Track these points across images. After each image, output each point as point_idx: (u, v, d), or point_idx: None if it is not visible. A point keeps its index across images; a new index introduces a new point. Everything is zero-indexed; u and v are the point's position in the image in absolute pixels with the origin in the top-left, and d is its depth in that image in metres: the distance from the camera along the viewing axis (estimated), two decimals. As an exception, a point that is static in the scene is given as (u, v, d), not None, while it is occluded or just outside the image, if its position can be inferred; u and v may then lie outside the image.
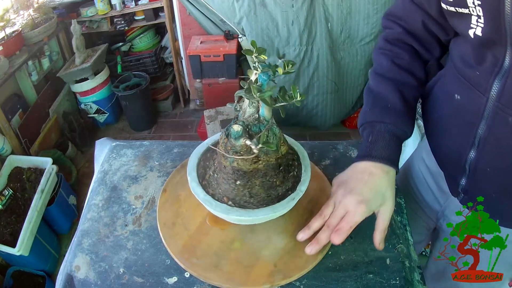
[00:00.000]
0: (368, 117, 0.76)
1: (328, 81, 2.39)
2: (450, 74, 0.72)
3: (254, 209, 0.65)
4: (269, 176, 0.66)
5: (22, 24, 2.24)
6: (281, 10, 2.20)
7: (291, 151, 0.73)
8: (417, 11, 0.73)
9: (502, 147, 0.63)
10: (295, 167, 0.71)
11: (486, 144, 0.65)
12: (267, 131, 0.63)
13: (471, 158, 0.69)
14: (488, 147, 0.65)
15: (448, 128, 0.74)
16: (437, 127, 0.78)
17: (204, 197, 0.67)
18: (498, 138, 0.63)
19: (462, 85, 0.67)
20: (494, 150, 0.65)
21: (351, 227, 0.65)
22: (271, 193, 0.67)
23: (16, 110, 2.19)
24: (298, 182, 0.69)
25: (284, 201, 0.66)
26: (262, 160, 0.64)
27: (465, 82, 0.66)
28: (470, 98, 0.65)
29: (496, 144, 0.64)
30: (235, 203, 0.66)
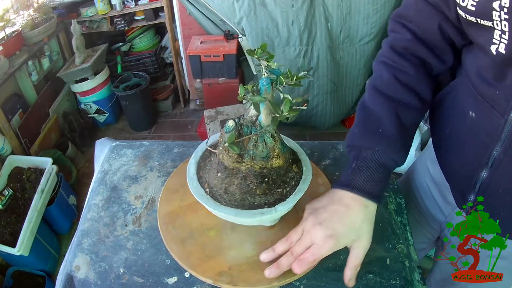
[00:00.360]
0: (355, 140, 0.69)
1: (328, 81, 2.39)
2: (464, 88, 0.66)
3: (221, 205, 0.65)
4: (249, 182, 0.66)
5: (22, 24, 2.24)
6: (281, 10, 2.20)
7: (295, 170, 0.70)
8: (433, 12, 0.65)
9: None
10: (288, 187, 0.68)
11: (500, 166, 0.62)
12: (257, 136, 0.63)
13: (482, 177, 0.66)
14: (502, 169, 0.62)
15: (460, 146, 0.69)
16: (447, 142, 0.74)
17: (192, 175, 0.70)
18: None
19: (478, 103, 0.62)
20: (509, 172, 0.62)
21: (315, 259, 0.61)
22: (246, 198, 0.66)
23: (16, 110, 2.19)
24: (281, 201, 0.66)
25: (252, 212, 0.64)
26: (245, 163, 0.64)
27: (481, 100, 0.61)
28: (487, 117, 0.61)
29: (511, 166, 0.61)
30: (211, 192, 0.68)
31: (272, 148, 0.64)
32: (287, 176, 0.69)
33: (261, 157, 0.64)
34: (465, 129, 0.67)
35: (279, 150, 0.65)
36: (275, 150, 0.65)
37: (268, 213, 0.64)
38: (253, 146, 0.64)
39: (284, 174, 0.69)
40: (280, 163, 0.66)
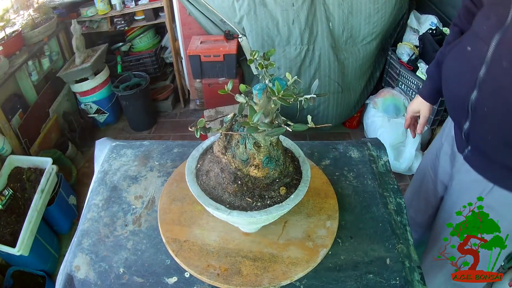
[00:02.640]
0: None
1: (330, 81, 2.38)
2: (468, 34, 0.88)
3: (198, 186, 0.70)
4: (224, 176, 0.68)
5: (22, 24, 2.24)
6: (282, 9, 2.20)
7: (281, 194, 0.69)
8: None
9: (497, 87, 0.76)
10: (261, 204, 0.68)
11: (484, 85, 0.78)
12: (239, 137, 0.65)
13: (472, 99, 0.82)
14: (486, 88, 0.78)
15: (457, 74, 0.88)
16: (450, 72, 0.93)
17: (194, 153, 0.77)
18: (494, 79, 0.76)
19: (474, 38, 0.82)
20: (491, 91, 0.78)
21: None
22: (217, 189, 0.69)
23: (16, 110, 2.19)
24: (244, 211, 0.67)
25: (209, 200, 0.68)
26: (227, 157, 0.68)
27: (476, 36, 0.81)
28: (477, 47, 0.80)
29: (493, 85, 0.77)
30: (199, 170, 0.73)
31: (252, 156, 0.65)
32: (268, 194, 0.68)
33: (241, 159, 0.65)
34: (463, 60, 0.86)
35: (259, 161, 0.65)
36: (255, 159, 0.65)
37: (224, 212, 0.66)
38: (235, 145, 0.65)
39: (265, 189, 0.68)
40: (258, 175, 0.66)
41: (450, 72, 0.93)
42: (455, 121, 0.97)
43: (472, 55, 0.81)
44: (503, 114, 0.76)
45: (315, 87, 0.60)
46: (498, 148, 0.82)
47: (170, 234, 0.78)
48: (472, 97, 0.81)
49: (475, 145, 0.89)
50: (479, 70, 0.78)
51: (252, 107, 0.59)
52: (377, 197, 0.87)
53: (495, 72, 0.75)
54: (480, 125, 0.83)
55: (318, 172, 0.91)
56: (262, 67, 0.61)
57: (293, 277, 0.70)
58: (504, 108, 0.76)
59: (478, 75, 0.79)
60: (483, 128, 0.83)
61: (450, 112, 0.98)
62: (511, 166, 0.83)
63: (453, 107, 0.94)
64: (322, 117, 2.51)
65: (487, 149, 0.85)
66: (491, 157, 0.86)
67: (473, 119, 0.84)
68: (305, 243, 0.76)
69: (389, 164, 0.99)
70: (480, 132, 0.84)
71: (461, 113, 0.87)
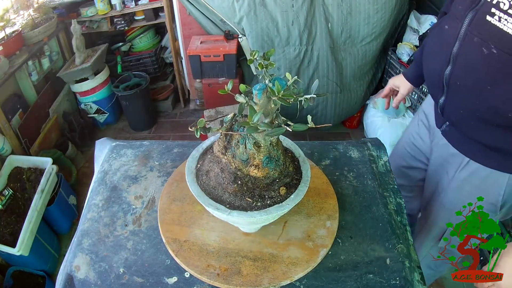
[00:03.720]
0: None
1: (329, 82, 2.38)
2: (447, 15, 0.94)
3: (198, 187, 0.70)
4: (224, 176, 0.68)
5: (22, 24, 2.24)
6: (281, 10, 2.20)
7: (281, 194, 0.69)
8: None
9: (468, 62, 0.81)
10: (261, 204, 0.68)
11: (457, 60, 0.84)
12: (239, 137, 0.65)
13: (447, 74, 0.87)
14: (459, 63, 0.84)
15: (434, 50, 0.94)
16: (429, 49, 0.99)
17: (194, 153, 0.77)
18: (466, 54, 0.81)
19: (451, 18, 0.88)
20: (462, 65, 0.83)
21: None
22: (217, 189, 0.69)
23: (16, 110, 2.19)
24: (244, 211, 0.67)
25: (209, 200, 0.68)
26: (227, 157, 0.68)
27: (453, 16, 0.87)
28: (452, 26, 0.86)
29: (464, 60, 0.82)
30: (199, 170, 0.73)
31: (252, 156, 0.65)
32: (268, 194, 0.68)
33: (241, 159, 0.65)
34: (440, 37, 0.92)
35: (259, 161, 0.65)
36: (255, 159, 0.65)
37: (224, 212, 0.66)
38: (235, 145, 0.65)
39: (265, 189, 0.68)
40: (258, 175, 0.66)
41: (428, 50, 1.00)
42: (433, 96, 1.02)
43: (448, 33, 0.87)
44: (473, 88, 0.81)
45: (315, 87, 0.60)
46: (470, 123, 0.87)
47: (170, 234, 0.78)
48: (447, 72, 0.87)
49: (450, 119, 0.94)
50: (453, 46, 0.84)
51: (252, 107, 0.59)
52: (377, 197, 0.87)
53: (467, 47, 0.81)
54: (453, 100, 0.89)
55: (318, 172, 0.91)
56: (262, 67, 0.61)
57: (293, 277, 0.70)
58: (473, 83, 0.81)
59: (452, 51, 0.84)
60: (456, 103, 0.88)
61: (429, 88, 1.04)
62: (483, 142, 0.88)
63: (431, 83, 1.00)
64: (320, 117, 2.51)
65: (460, 124, 0.91)
66: (464, 132, 0.91)
67: (447, 93, 0.90)
68: (305, 243, 0.76)
69: (389, 164, 0.99)
70: (453, 106, 0.89)
71: (437, 88, 0.93)
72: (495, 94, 0.77)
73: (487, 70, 0.77)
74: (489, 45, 0.75)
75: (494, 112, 0.79)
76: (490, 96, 0.78)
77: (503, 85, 0.76)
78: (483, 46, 0.77)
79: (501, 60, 0.74)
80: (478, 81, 0.80)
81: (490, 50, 0.75)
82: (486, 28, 0.76)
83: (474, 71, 0.80)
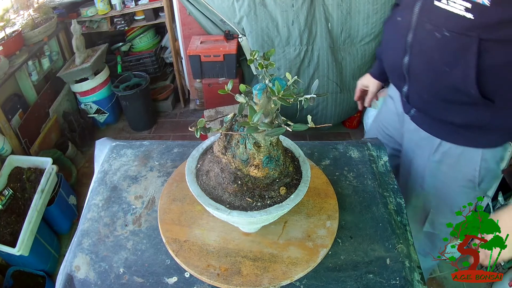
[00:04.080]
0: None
1: (329, 81, 2.38)
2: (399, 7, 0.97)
3: (198, 186, 0.70)
4: (224, 176, 0.68)
5: (22, 24, 2.24)
6: (281, 10, 2.20)
7: (281, 194, 0.68)
8: None
9: (423, 49, 0.84)
10: (261, 204, 0.67)
11: (413, 49, 0.87)
12: (239, 137, 0.65)
13: (405, 64, 0.90)
14: (414, 51, 0.87)
15: (391, 43, 0.98)
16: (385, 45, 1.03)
17: (194, 153, 0.77)
18: (420, 42, 0.84)
19: (402, 9, 0.92)
20: (418, 53, 0.86)
21: None
22: (217, 189, 0.69)
23: (16, 110, 2.19)
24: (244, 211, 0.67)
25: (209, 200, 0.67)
26: (227, 157, 0.68)
27: (404, 6, 0.90)
28: (405, 16, 0.88)
29: (419, 47, 0.85)
30: (199, 170, 0.73)
31: (252, 156, 0.65)
32: (268, 194, 0.68)
33: (241, 159, 0.65)
34: (394, 29, 0.94)
35: (259, 161, 0.65)
36: (255, 159, 0.65)
37: (224, 212, 0.66)
38: (235, 145, 0.65)
39: (265, 189, 0.68)
40: (258, 175, 0.66)
41: (386, 43, 1.03)
42: (396, 87, 1.04)
43: (401, 24, 0.90)
44: (432, 72, 0.84)
45: (315, 87, 0.60)
46: (435, 106, 0.90)
47: (170, 234, 0.78)
48: (405, 61, 0.90)
49: (416, 105, 0.96)
50: (407, 36, 0.87)
51: (252, 107, 0.59)
52: (377, 197, 0.87)
53: (420, 35, 0.84)
54: (415, 86, 0.91)
55: (318, 172, 0.91)
56: (262, 67, 0.61)
57: (293, 277, 0.70)
58: (431, 67, 0.84)
59: (406, 41, 0.88)
60: (419, 89, 0.91)
61: (391, 80, 1.07)
62: (451, 121, 0.90)
63: (392, 74, 1.03)
64: (320, 117, 2.51)
65: (426, 108, 0.93)
66: (432, 114, 0.93)
67: (409, 81, 0.92)
68: (305, 243, 0.76)
69: (389, 164, 0.99)
70: (417, 92, 0.92)
71: (399, 78, 0.96)
72: (454, 74, 0.79)
73: (443, 54, 0.80)
74: (441, 30, 0.78)
75: (456, 91, 0.82)
76: (450, 77, 0.81)
77: (460, 65, 0.78)
78: (436, 31, 0.79)
79: (454, 41, 0.77)
80: (435, 65, 0.82)
81: (442, 34, 0.78)
82: (436, 13, 0.79)
83: (430, 57, 0.83)
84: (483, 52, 0.73)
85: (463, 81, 0.78)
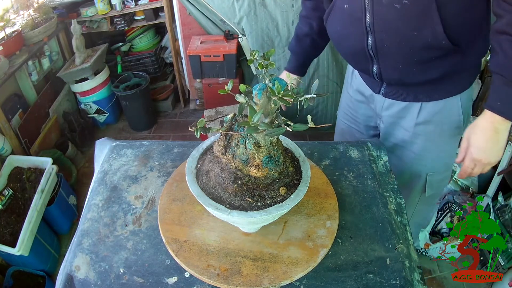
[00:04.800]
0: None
1: (329, 81, 2.38)
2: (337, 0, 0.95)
3: (198, 186, 0.70)
4: (224, 176, 0.68)
5: (22, 24, 2.24)
6: (281, 10, 2.20)
7: (281, 194, 0.69)
8: None
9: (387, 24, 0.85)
10: (262, 204, 0.67)
11: (375, 27, 0.87)
12: (239, 137, 0.65)
13: (370, 45, 0.90)
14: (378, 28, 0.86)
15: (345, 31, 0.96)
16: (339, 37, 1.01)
17: (194, 153, 0.77)
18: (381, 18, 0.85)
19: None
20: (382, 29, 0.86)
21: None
22: (217, 189, 0.69)
23: (16, 110, 2.19)
24: (244, 210, 0.67)
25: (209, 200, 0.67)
26: (227, 157, 0.68)
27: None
28: (353, 1, 0.88)
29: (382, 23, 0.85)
30: (199, 170, 0.73)
31: (252, 156, 0.65)
32: (268, 194, 0.68)
33: (241, 159, 0.65)
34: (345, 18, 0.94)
35: (259, 161, 0.65)
36: (255, 159, 0.65)
37: (224, 212, 0.66)
38: (235, 145, 0.65)
39: (265, 189, 0.68)
40: (258, 175, 0.66)
41: (338, 34, 1.01)
42: (361, 70, 1.07)
43: (352, 9, 0.90)
44: (402, 41, 0.85)
45: (315, 87, 0.60)
46: (412, 71, 0.91)
47: (170, 234, 0.78)
48: (369, 42, 0.90)
49: (392, 79, 0.97)
50: (365, 18, 0.87)
51: (252, 107, 0.59)
52: (377, 197, 0.87)
53: (380, 12, 0.85)
54: (388, 62, 0.92)
55: (318, 172, 0.91)
56: (262, 67, 0.61)
57: (293, 277, 0.70)
58: (400, 38, 0.85)
59: (365, 23, 0.88)
60: (392, 63, 0.92)
61: (354, 65, 1.08)
62: (429, 79, 0.93)
63: (354, 60, 1.04)
64: (320, 117, 2.51)
65: (402, 78, 0.95)
66: (407, 82, 0.96)
67: (378, 61, 0.93)
68: (305, 243, 0.76)
69: (389, 164, 0.99)
70: (390, 67, 0.93)
71: (364, 61, 0.96)
72: (423, 35, 0.82)
73: (407, 21, 0.82)
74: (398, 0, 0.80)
75: (429, 49, 0.85)
76: (420, 39, 0.83)
77: (426, 25, 0.81)
78: (394, 3, 0.81)
79: (414, 6, 0.79)
80: (403, 34, 0.84)
81: (401, 3, 0.80)
82: None
83: (396, 28, 0.84)
84: (442, 6, 0.79)
85: (434, 38, 0.82)
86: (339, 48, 1.07)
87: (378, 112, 1.12)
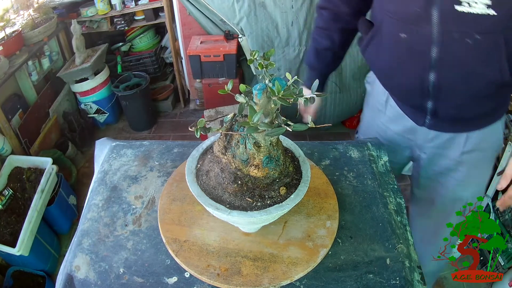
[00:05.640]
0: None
1: (328, 81, 2.38)
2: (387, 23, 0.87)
3: (198, 186, 0.70)
4: (224, 176, 0.68)
5: (22, 24, 2.24)
6: (281, 11, 2.20)
7: (281, 194, 0.69)
8: None
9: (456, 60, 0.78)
10: (262, 203, 0.68)
11: (443, 63, 0.80)
12: (239, 137, 0.65)
13: (432, 81, 0.83)
14: (446, 64, 0.80)
15: (402, 63, 0.87)
16: (389, 69, 0.93)
17: (194, 153, 0.77)
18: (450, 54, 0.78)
19: (403, 25, 0.82)
20: (450, 66, 0.80)
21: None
22: (217, 189, 0.69)
23: (16, 110, 2.19)
24: (244, 211, 0.67)
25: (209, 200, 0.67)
26: (227, 156, 0.68)
27: (406, 22, 0.81)
28: (416, 32, 0.80)
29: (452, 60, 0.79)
30: (197, 171, 0.73)
31: (252, 156, 0.65)
32: (268, 194, 0.68)
33: (241, 159, 0.65)
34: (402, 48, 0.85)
35: (259, 161, 0.65)
36: (255, 159, 0.65)
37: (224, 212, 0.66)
38: (235, 145, 0.65)
39: (265, 189, 0.68)
40: (258, 175, 0.66)
41: (389, 68, 0.93)
42: (411, 106, 0.99)
43: (412, 41, 0.82)
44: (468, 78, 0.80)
45: (315, 87, 0.60)
46: (469, 106, 0.88)
47: (170, 234, 0.78)
48: (431, 78, 0.83)
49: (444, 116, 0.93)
50: (430, 52, 0.80)
51: (252, 107, 0.59)
52: (377, 197, 0.87)
53: (450, 47, 0.78)
54: (448, 99, 0.87)
55: (318, 172, 0.91)
56: (262, 67, 0.61)
57: (293, 277, 0.70)
58: (467, 74, 0.80)
59: (430, 57, 0.80)
60: (452, 99, 0.87)
61: (403, 100, 1.00)
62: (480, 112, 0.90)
63: (406, 96, 0.97)
64: (320, 117, 2.51)
65: (458, 113, 0.91)
66: (460, 117, 0.92)
67: (437, 96, 0.87)
68: (305, 243, 0.76)
69: (389, 164, 0.99)
70: (449, 104, 0.88)
71: (419, 97, 0.90)
72: (491, 72, 0.79)
73: (477, 57, 0.78)
74: (471, 34, 0.75)
75: (491, 85, 0.81)
76: (487, 76, 0.80)
77: (494, 61, 0.77)
78: (466, 37, 0.75)
79: (486, 42, 0.75)
80: (472, 71, 0.80)
81: (473, 38, 0.75)
82: (461, 20, 0.74)
83: (464, 64, 0.79)
84: (509, 41, 0.75)
85: (501, 74, 0.79)
86: (386, 82, 0.99)
87: (419, 143, 1.06)
